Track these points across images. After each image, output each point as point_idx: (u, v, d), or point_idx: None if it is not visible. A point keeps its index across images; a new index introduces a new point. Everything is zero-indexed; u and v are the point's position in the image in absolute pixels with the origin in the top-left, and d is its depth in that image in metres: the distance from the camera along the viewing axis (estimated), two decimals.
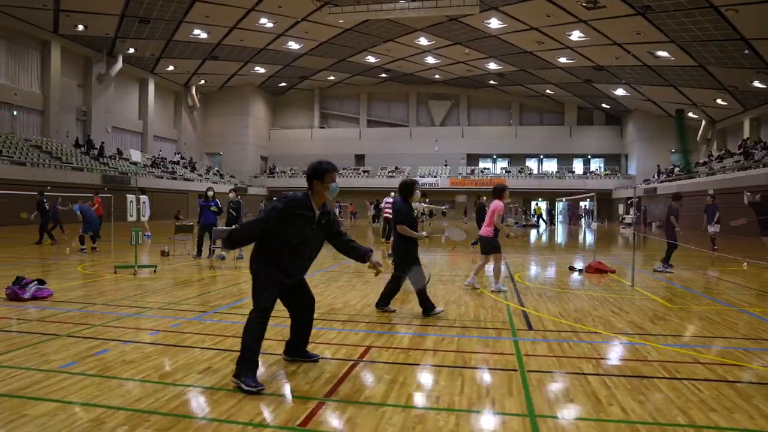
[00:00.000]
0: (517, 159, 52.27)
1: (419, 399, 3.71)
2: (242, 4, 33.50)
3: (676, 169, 39.98)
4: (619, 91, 42.47)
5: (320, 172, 4.13)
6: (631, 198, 41.36)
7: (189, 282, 8.99)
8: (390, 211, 17.99)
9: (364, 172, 50.88)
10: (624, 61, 35.80)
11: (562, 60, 38.92)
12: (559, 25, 32.74)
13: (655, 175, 41.73)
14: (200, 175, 45.67)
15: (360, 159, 53.46)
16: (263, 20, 36.22)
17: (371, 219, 35.77)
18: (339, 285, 8.81)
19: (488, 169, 51.72)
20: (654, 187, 37.68)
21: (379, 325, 5.87)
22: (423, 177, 49.01)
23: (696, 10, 26.00)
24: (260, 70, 47.24)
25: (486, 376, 4.21)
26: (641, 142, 45.25)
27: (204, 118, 52.51)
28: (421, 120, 54.39)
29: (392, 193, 18.03)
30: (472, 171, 50.75)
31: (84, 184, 30.71)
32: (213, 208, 12.18)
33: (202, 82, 49.06)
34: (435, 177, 48.53)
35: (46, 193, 17.64)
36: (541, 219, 39.80)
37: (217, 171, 50.29)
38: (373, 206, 35.70)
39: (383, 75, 49.96)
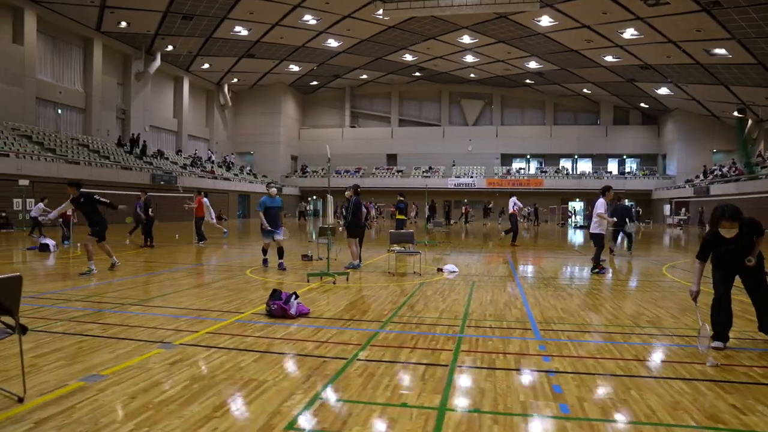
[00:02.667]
0: (550, 159, 51.74)
1: None
2: (289, 1, 32.86)
3: (724, 169, 39.50)
4: (663, 90, 41.99)
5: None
6: (676, 199, 41.13)
7: (410, 292, 8.14)
8: (518, 211, 17.33)
9: (398, 171, 50.26)
10: (675, 60, 35.30)
11: (608, 58, 38.40)
12: (613, 22, 32.21)
13: (701, 175, 41.27)
14: (236, 175, 44.94)
15: (392, 159, 52.78)
16: (307, 17, 35.58)
17: (428, 219, 34.78)
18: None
19: (524, 169, 51.21)
20: (706, 187, 37.17)
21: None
22: (459, 177, 48.45)
23: None
24: (294, 68, 46.56)
25: None
26: (682, 141, 44.79)
27: (234, 117, 51.72)
28: (453, 119, 53.77)
29: (514, 197, 17.23)
30: (508, 171, 50.19)
31: (135, 183, 30.04)
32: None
33: (235, 80, 48.30)
34: (471, 177, 47.92)
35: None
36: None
37: (250, 170, 49.52)
38: (428, 207, 34.86)
39: (417, 74, 49.33)
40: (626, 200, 16.25)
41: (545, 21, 33.93)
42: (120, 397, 3.55)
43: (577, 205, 47.42)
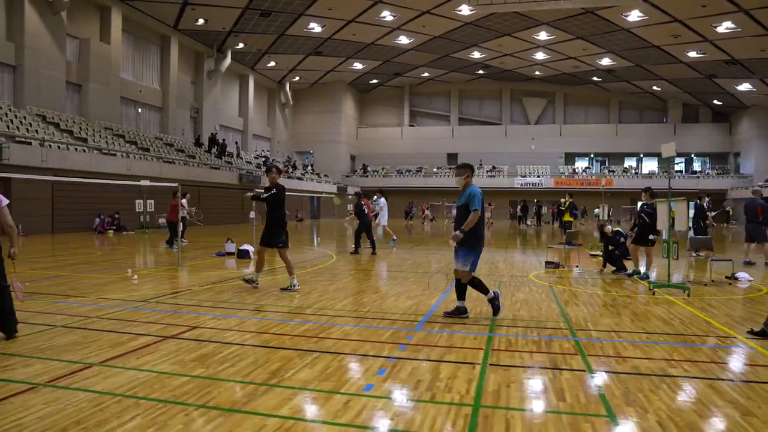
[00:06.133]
0: (614, 158, 50.54)
1: None
2: None
3: None
4: (744, 86, 40.67)
5: None
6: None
7: None
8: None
9: None
10: None
11: (692, 54, 37.20)
12: (709, 16, 31.09)
13: None
14: (302, 174, 44.25)
15: (452, 158, 51.75)
16: (385, 13, 34.81)
17: (519, 220, 33.67)
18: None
19: (589, 168, 50.03)
20: None
21: None
22: (524, 177, 47.41)
23: None
24: (358, 66, 45.77)
25: None
26: (760, 139, 43.37)
27: (293, 116, 51.02)
28: (515, 118, 52.67)
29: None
30: (574, 170, 49.05)
31: (225, 183, 29.42)
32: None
33: (297, 78, 47.63)
34: (539, 177, 46.83)
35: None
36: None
37: (312, 170, 48.75)
38: (520, 207, 33.96)
39: (480, 71, 48.28)
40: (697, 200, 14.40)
41: (634, 16, 32.82)
42: None
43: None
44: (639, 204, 9.93)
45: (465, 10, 33.93)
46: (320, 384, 3.77)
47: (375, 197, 16.99)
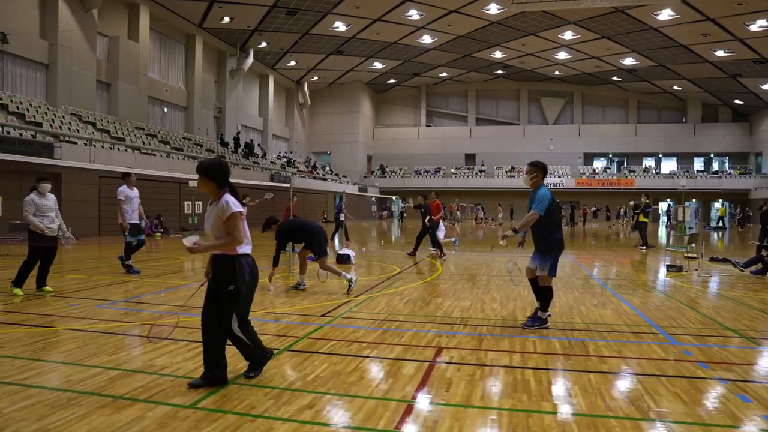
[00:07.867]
0: (633, 158, 50.34)
1: None
2: None
3: None
4: None
5: None
6: None
7: None
8: None
9: (480, 171, 48.77)
10: None
11: (719, 53, 36.99)
12: (743, 14, 30.83)
13: None
14: (325, 175, 43.63)
15: (470, 158, 51.34)
16: (412, 11, 34.33)
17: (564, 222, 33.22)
18: None
19: (609, 168, 49.77)
20: None
21: None
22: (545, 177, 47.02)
23: None
24: (378, 65, 45.22)
25: None
26: None
27: (310, 117, 50.37)
28: (532, 118, 52.34)
29: None
30: (594, 171, 48.76)
31: (258, 184, 28.68)
32: None
33: (315, 78, 46.97)
34: (559, 177, 46.49)
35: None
36: (722, 221, 37.24)
37: (331, 170, 48.11)
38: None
39: (499, 71, 47.88)
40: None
41: (664, 15, 32.53)
42: None
43: (664, 205, 46.12)
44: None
45: (493, 9, 33.57)
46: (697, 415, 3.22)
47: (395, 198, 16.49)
